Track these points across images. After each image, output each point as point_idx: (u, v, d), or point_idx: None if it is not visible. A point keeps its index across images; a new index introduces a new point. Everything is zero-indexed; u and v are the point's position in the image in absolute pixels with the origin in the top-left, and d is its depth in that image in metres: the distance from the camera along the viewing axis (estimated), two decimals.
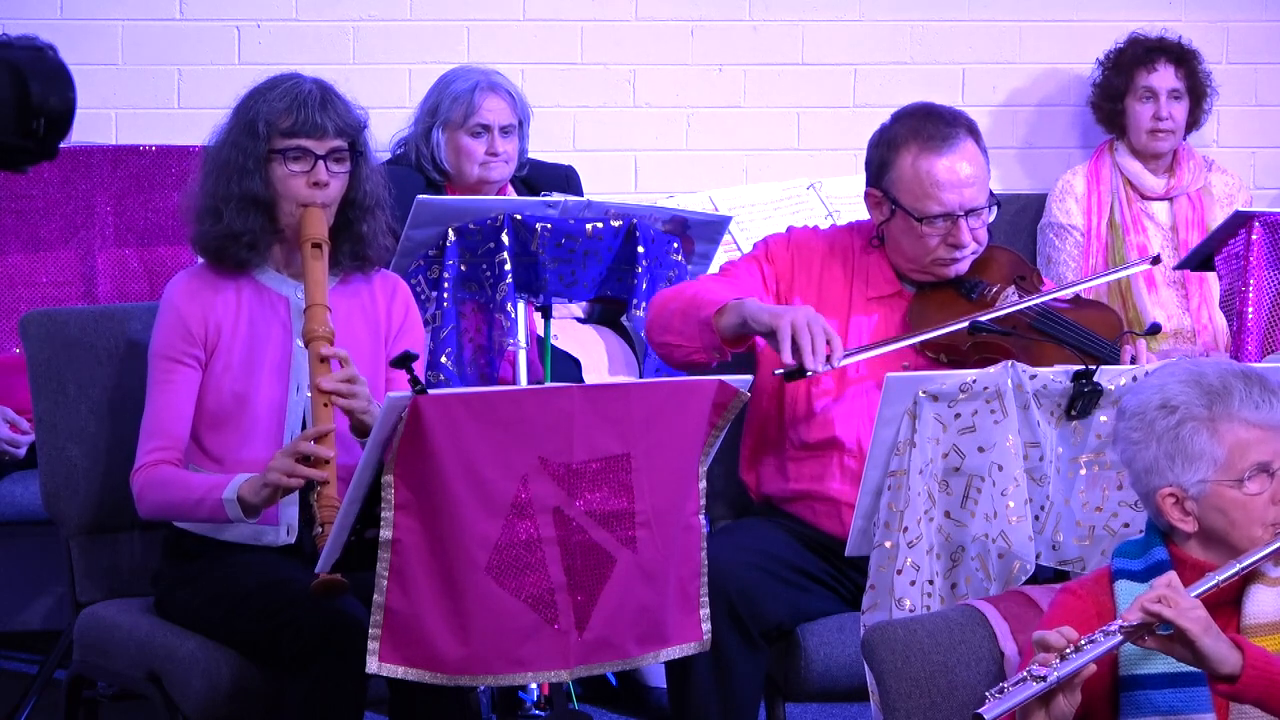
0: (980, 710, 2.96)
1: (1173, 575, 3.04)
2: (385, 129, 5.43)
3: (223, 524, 3.88)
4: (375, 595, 3.45)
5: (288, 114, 3.94)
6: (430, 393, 3.41)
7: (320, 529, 3.65)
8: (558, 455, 3.48)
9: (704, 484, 3.65)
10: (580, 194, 5.42)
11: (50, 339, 4.18)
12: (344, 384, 3.80)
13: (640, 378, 4.93)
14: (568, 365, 5.19)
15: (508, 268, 4.69)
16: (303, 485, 3.74)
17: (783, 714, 4.14)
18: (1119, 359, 4.08)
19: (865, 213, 4.32)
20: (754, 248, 4.34)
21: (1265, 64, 6.52)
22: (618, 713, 5.12)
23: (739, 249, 5.41)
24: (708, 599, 3.69)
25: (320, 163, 3.94)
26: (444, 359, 4.69)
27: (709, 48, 6.21)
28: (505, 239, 4.69)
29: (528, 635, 3.49)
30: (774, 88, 6.25)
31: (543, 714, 4.57)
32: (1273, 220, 4.88)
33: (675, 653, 3.69)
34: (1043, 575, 3.73)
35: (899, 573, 3.64)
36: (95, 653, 4.07)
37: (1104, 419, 3.73)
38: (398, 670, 3.47)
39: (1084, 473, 3.75)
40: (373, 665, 3.46)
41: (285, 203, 3.94)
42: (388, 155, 5.45)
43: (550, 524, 3.48)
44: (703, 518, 3.67)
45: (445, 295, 4.70)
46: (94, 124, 5.71)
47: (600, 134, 6.15)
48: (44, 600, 5.77)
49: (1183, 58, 6.05)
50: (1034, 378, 3.69)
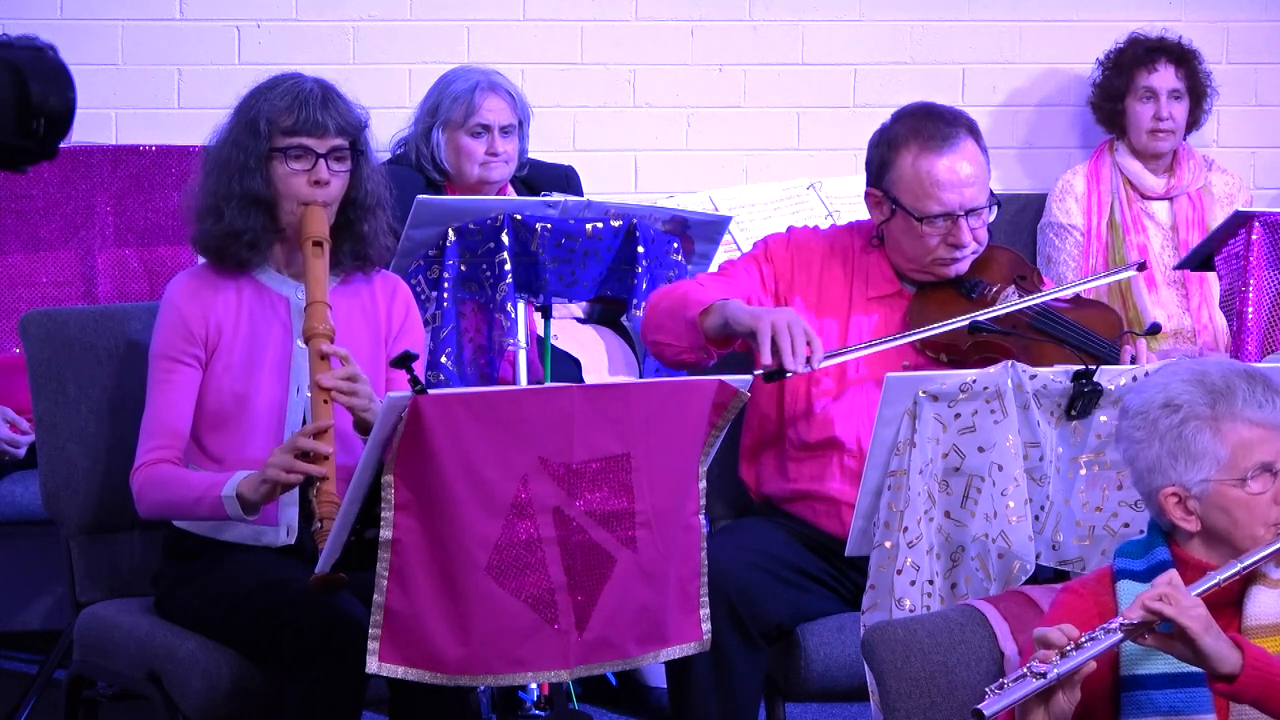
0: (980, 706, 2.96)
1: (1174, 574, 3.04)
2: (385, 129, 5.42)
3: (223, 523, 3.88)
4: (375, 595, 3.45)
5: (289, 112, 3.94)
6: (430, 393, 3.41)
7: (320, 524, 3.65)
8: (558, 455, 3.48)
9: (704, 484, 3.65)
10: (580, 194, 5.42)
11: (50, 339, 4.18)
12: (344, 381, 3.80)
13: (640, 378, 4.93)
14: (568, 365, 5.19)
15: (508, 268, 4.68)
16: (301, 481, 3.74)
17: (783, 714, 4.13)
18: (1119, 359, 4.08)
19: (865, 213, 4.32)
20: (753, 247, 4.34)
21: (1265, 64, 6.52)
22: (618, 713, 5.12)
23: (739, 249, 5.41)
24: (708, 599, 3.69)
25: (321, 161, 3.94)
26: (444, 359, 4.69)
27: (709, 48, 6.21)
28: (505, 239, 4.69)
29: (528, 635, 3.48)
30: (774, 88, 6.25)
31: (543, 714, 4.57)
32: (1273, 220, 4.88)
33: (675, 653, 3.69)
34: (1043, 575, 3.73)
35: (899, 573, 3.64)
36: (95, 653, 4.06)
37: (1104, 419, 3.72)
38: (398, 670, 3.47)
39: (1084, 473, 3.75)
40: (373, 665, 3.46)
41: (286, 201, 3.94)
42: (388, 155, 5.45)
43: (550, 524, 3.48)
44: (703, 518, 3.66)
45: (445, 295, 4.70)
46: (94, 124, 5.71)
47: (600, 134, 6.14)
48: (44, 600, 5.77)
49: (1183, 58, 6.05)
50: (1034, 378, 3.69)
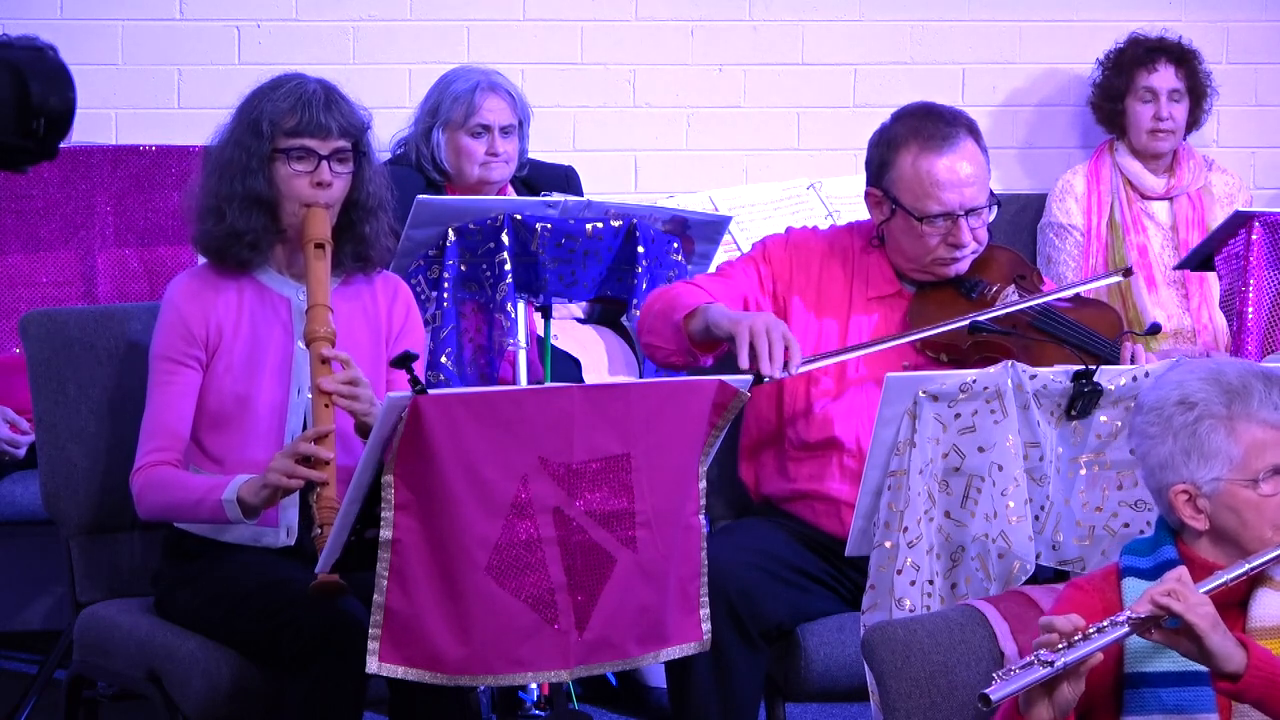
0: (987, 690, 2.96)
1: (1183, 570, 3.04)
2: (385, 129, 5.43)
3: (223, 525, 3.88)
4: (375, 595, 3.44)
5: (292, 114, 3.93)
6: (430, 393, 3.41)
7: (319, 530, 3.65)
8: (558, 455, 3.48)
9: (704, 484, 3.65)
10: (580, 194, 5.42)
11: (50, 339, 4.18)
12: (346, 385, 3.80)
13: (640, 378, 4.93)
14: (568, 365, 5.19)
15: (508, 268, 4.68)
16: (302, 487, 3.74)
17: (783, 714, 4.13)
18: (1119, 358, 4.08)
19: (865, 213, 4.32)
20: (751, 248, 4.34)
21: (1265, 64, 6.52)
22: (618, 713, 5.12)
23: (739, 249, 5.41)
24: (708, 599, 3.69)
25: (323, 163, 3.94)
26: (444, 359, 4.69)
27: (709, 48, 6.21)
28: (505, 239, 4.69)
29: (528, 635, 3.48)
30: (774, 88, 6.25)
31: (543, 714, 4.57)
32: (1273, 220, 4.88)
33: (675, 653, 3.68)
34: (1043, 575, 3.73)
35: (899, 573, 3.64)
36: (95, 653, 4.06)
37: (1104, 419, 3.73)
38: (398, 670, 3.47)
39: (1084, 473, 3.75)
40: (373, 665, 3.46)
41: (288, 203, 3.94)
42: (388, 155, 5.45)
43: (550, 524, 3.48)
44: (703, 518, 3.66)
45: (445, 295, 4.70)
46: (94, 124, 5.71)
47: (600, 134, 6.14)
48: (44, 600, 5.77)
49: (1183, 58, 6.05)
50: (1034, 378, 3.68)
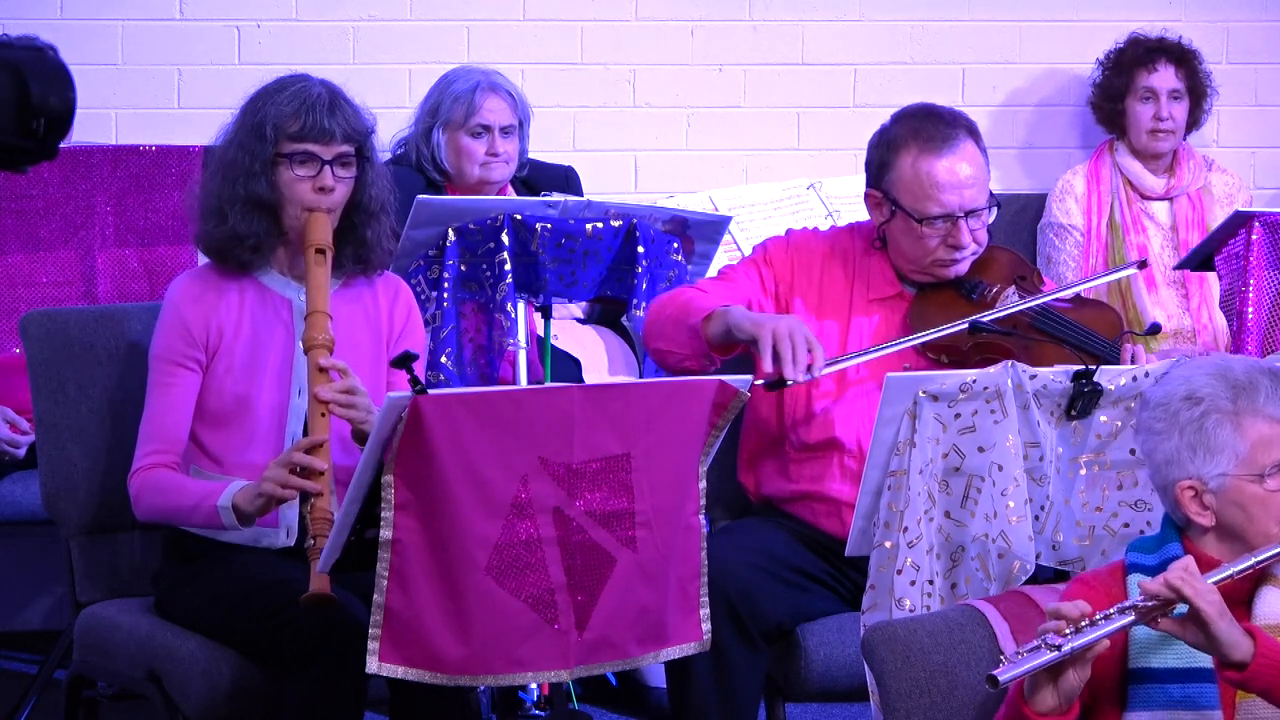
0: (995, 672, 2.96)
1: (1189, 559, 3.05)
2: (385, 129, 5.39)
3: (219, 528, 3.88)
4: (375, 595, 3.44)
5: (295, 118, 3.93)
6: (430, 393, 3.41)
7: (312, 541, 3.65)
8: (558, 455, 3.48)
9: (704, 484, 3.65)
10: (580, 194, 5.42)
11: (50, 339, 4.18)
12: (343, 394, 3.80)
13: (640, 378, 4.93)
14: (568, 365, 5.19)
15: (508, 268, 4.68)
16: (296, 496, 3.74)
17: (783, 714, 4.13)
18: (1119, 358, 4.08)
19: (865, 213, 4.32)
20: (753, 251, 4.34)
21: (1265, 64, 6.52)
22: (618, 713, 5.12)
23: (739, 249, 5.41)
24: (708, 599, 3.69)
25: (326, 168, 3.93)
26: (444, 359, 4.69)
27: (709, 48, 6.21)
28: (505, 239, 4.69)
29: (528, 635, 3.48)
30: (774, 88, 6.25)
31: (543, 714, 4.57)
32: (1273, 220, 4.88)
33: (675, 653, 3.68)
34: (1043, 575, 3.73)
35: (899, 573, 3.64)
36: (95, 653, 4.06)
37: (1104, 419, 3.73)
38: (398, 670, 3.47)
39: (1084, 473, 3.75)
40: (373, 665, 3.46)
41: (290, 206, 3.94)
42: (388, 155, 5.44)
43: (550, 524, 3.48)
44: (703, 518, 3.66)
45: (445, 295, 4.69)
46: (94, 124, 5.71)
47: (600, 134, 6.14)
48: (44, 600, 5.77)
49: (1183, 58, 6.05)
50: (1034, 378, 3.68)
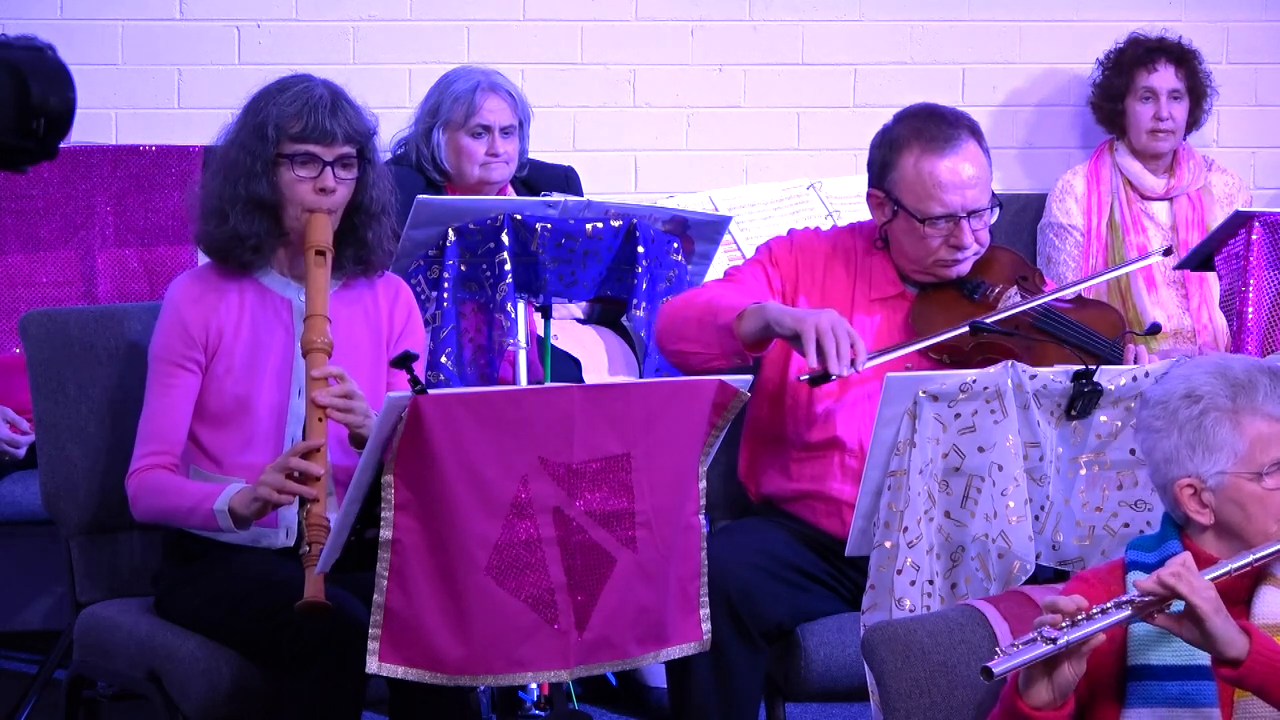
0: (989, 664, 2.96)
1: (1187, 555, 3.06)
2: (385, 129, 5.37)
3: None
4: (375, 595, 3.44)
5: (297, 119, 3.92)
6: (430, 393, 3.41)
7: (308, 548, 3.65)
8: (558, 455, 3.48)
9: (704, 484, 3.65)
10: (580, 194, 5.42)
11: (50, 339, 4.18)
12: (341, 399, 3.79)
13: (640, 378, 4.92)
14: (568, 365, 5.19)
15: (508, 268, 4.68)
16: (293, 501, 3.74)
17: (783, 714, 4.13)
18: (1122, 357, 4.08)
19: (865, 213, 4.32)
20: (756, 252, 4.33)
21: (1265, 64, 6.51)
22: (618, 713, 5.12)
23: (739, 249, 5.41)
24: (708, 599, 3.69)
25: (328, 169, 3.93)
26: (444, 359, 4.68)
27: (709, 48, 6.21)
28: (505, 239, 4.68)
29: (528, 635, 3.48)
30: (774, 88, 6.25)
31: (543, 714, 4.57)
32: (1273, 220, 4.88)
33: (675, 653, 3.69)
34: (1043, 575, 3.73)
35: (899, 573, 3.64)
36: (95, 653, 4.06)
37: (1104, 419, 3.73)
38: (398, 670, 3.47)
39: (1084, 473, 3.75)
40: (373, 665, 3.46)
41: (291, 207, 3.93)
42: (388, 155, 5.44)
43: (550, 524, 3.48)
44: (703, 518, 3.66)
45: (445, 295, 4.69)
46: (94, 124, 5.71)
47: (600, 134, 6.14)
48: (44, 600, 5.77)
49: (1183, 58, 6.05)
50: (1034, 378, 3.68)
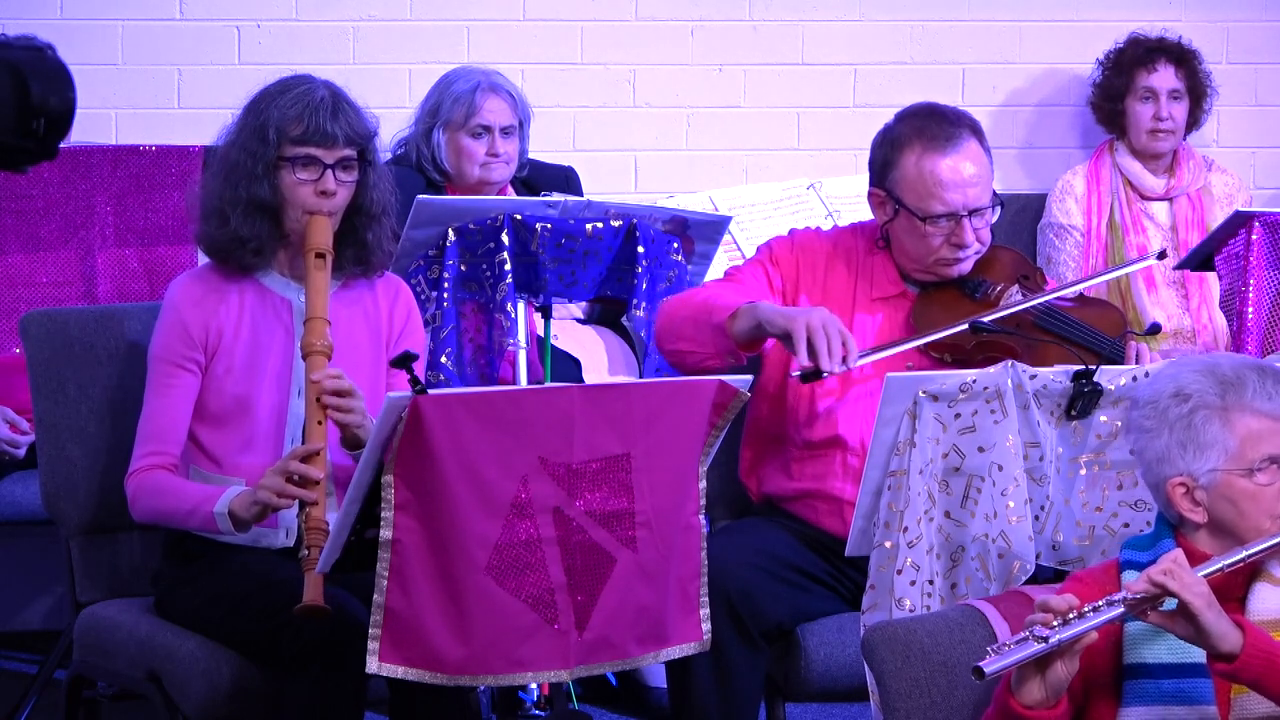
0: (980, 664, 2.96)
1: (1179, 552, 3.06)
2: (385, 129, 5.36)
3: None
4: (375, 595, 3.44)
5: (298, 121, 3.92)
6: (430, 393, 3.41)
7: (306, 552, 3.64)
8: (558, 455, 3.48)
9: (704, 484, 3.65)
10: (580, 194, 5.42)
11: (50, 339, 4.18)
12: (341, 400, 3.79)
13: (640, 378, 4.93)
14: (568, 365, 5.19)
15: (508, 268, 4.68)
16: (293, 505, 3.74)
17: (783, 714, 4.13)
18: (1124, 356, 4.08)
19: (866, 212, 4.32)
20: (757, 251, 4.34)
21: (1265, 64, 6.52)
22: (618, 713, 5.12)
23: (739, 249, 5.41)
24: (708, 599, 3.69)
25: (329, 171, 3.93)
26: (444, 359, 4.68)
27: (709, 48, 6.21)
28: (505, 239, 4.69)
29: (528, 635, 3.48)
30: (774, 88, 6.25)
31: (543, 714, 4.57)
32: (1273, 220, 4.88)
33: (675, 653, 3.69)
34: (1043, 575, 3.73)
35: (899, 573, 3.64)
36: (95, 653, 4.06)
37: (1104, 419, 3.73)
38: (398, 670, 3.47)
39: (1084, 473, 3.75)
40: (373, 665, 3.46)
41: (291, 209, 3.93)
42: (388, 155, 5.44)
43: (550, 524, 3.48)
44: (703, 518, 3.66)
45: (445, 295, 4.69)
46: (94, 124, 5.71)
47: (600, 134, 6.14)
48: (44, 600, 5.77)
49: (1183, 58, 6.05)
50: (1034, 378, 3.68)
